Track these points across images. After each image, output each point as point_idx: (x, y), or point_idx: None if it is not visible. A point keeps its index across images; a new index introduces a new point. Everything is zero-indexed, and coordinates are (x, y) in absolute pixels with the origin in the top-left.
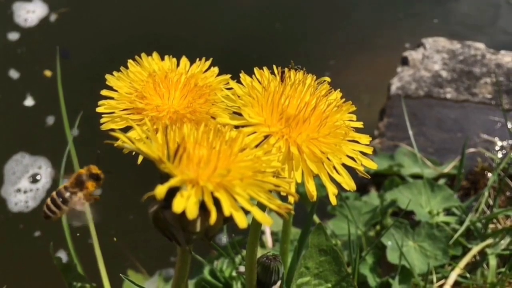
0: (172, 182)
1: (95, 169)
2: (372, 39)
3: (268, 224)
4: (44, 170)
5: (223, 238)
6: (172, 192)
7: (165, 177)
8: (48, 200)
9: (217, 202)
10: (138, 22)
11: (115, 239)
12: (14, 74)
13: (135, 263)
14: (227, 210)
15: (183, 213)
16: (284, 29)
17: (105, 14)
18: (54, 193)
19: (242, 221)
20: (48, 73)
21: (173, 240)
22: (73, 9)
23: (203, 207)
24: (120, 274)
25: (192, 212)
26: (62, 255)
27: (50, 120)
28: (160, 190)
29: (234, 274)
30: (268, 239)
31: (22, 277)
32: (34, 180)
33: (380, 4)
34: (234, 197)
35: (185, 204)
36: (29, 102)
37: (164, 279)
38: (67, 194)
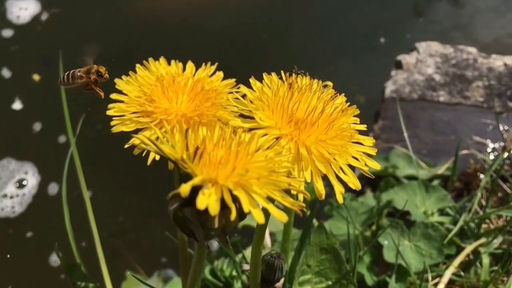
0: (195, 181)
1: (102, 69)
2: (360, 44)
3: (284, 220)
4: (31, 176)
5: (214, 243)
6: (191, 191)
7: (184, 176)
8: (65, 74)
9: (234, 200)
10: (128, 32)
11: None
12: (6, 73)
13: (133, 264)
14: (246, 207)
15: (202, 211)
16: (271, 40)
17: (96, 18)
18: (71, 71)
19: (260, 217)
20: (36, 77)
21: (191, 236)
22: (65, 10)
23: (221, 205)
24: (128, 272)
25: (214, 209)
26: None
27: (37, 126)
28: (185, 188)
29: (234, 273)
30: (267, 239)
31: (17, 279)
32: (20, 185)
33: (365, 10)
34: (251, 195)
35: (208, 201)
36: (17, 105)
37: (162, 279)
38: (78, 74)
